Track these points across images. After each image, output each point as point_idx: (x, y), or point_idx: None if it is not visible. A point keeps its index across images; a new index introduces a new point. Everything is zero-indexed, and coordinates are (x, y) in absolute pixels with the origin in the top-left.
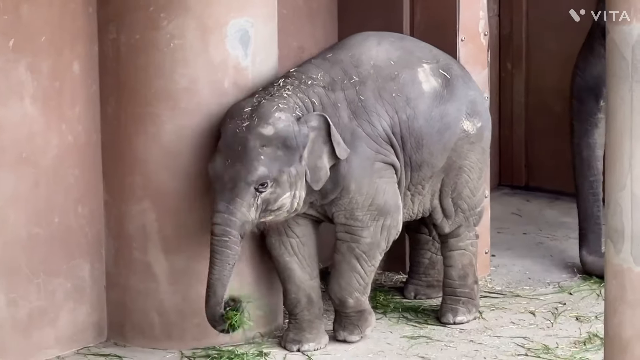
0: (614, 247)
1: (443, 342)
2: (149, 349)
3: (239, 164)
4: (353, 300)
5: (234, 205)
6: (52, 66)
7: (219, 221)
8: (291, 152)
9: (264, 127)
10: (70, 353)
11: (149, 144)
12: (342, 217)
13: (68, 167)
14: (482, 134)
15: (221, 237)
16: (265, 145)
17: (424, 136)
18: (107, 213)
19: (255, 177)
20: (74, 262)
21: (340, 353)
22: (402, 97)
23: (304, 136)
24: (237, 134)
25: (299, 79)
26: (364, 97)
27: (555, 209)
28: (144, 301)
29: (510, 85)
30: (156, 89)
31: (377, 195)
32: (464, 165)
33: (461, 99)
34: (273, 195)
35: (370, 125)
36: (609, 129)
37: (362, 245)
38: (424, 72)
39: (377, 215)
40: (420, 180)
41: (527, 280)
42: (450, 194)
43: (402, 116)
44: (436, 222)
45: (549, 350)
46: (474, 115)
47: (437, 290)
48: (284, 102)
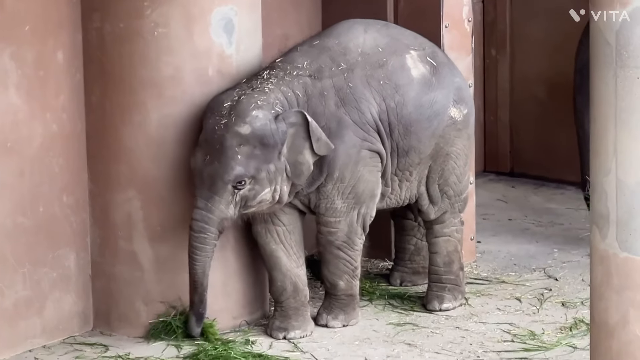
0: (599, 232)
1: (429, 329)
2: (135, 337)
3: (216, 162)
4: (344, 283)
5: (212, 203)
6: (36, 55)
7: (197, 217)
8: (269, 149)
9: (241, 126)
10: (57, 342)
11: (134, 133)
12: (322, 207)
13: (53, 156)
14: (468, 120)
15: (199, 233)
16: (242, 144)
17: (413, 123)
18: (92, 202)
19: (231, 176)
20: (60, 252)
21: (327, 340)
22: (390, 84)
23: (282, 133)
24: (215, 131)
25: (283, 69)
26: (353, 85)
27: (540, 195)
28: (130, 290)
29: (494, 71)
30: (141, 78)
31: (358, 184)
32: (451, 152)
33: (448, 86)
34: (252, 192)
35: (358, 112)
36: (594, 115)
37: (340, 236)
38: (412, 59)
39: (354, 204)
40: (407, 166)
41: (512, 266)
42: (437, 180)
43: (391, 103)
44: (422, 208)
45: (535, 336)
46: (460, 102)
47: (422, 277)
48: (264, 99)
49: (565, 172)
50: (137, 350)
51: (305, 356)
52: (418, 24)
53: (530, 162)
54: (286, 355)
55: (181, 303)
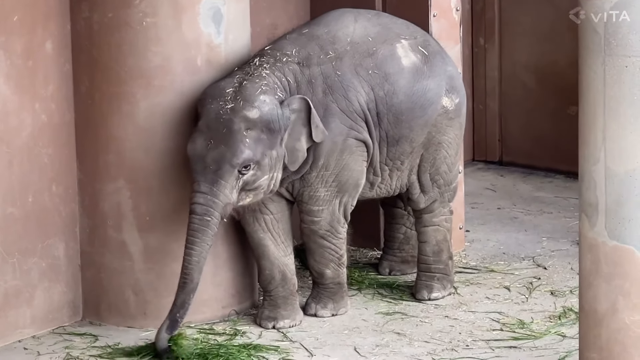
0: (588, 221)
1: (418, 318)
2: (125, 327)
3: (223, 146)
4: (331, 271)
5: (217, 187)
6: (24, 45)
7: (201, 201)
8: (274, 135)
9: (250, 110)
10: (46, 332)
11: (123, 123)
12: (305, 195)
13: (42, 146)
14: (460, 109)
15: (203, 216)
16: (250, 128)
17: (404, 112)
18: (82, 192)
19: (240, 159)
20: (49, 242)
21: (316, 330)
22: (380, 73)
23: (286, 119)
24: (220, 115)
25: (273, 56)
26: (341, 73)
27: (529, 184)
28: (119, 280)
29: (483, 60)
30: (130, 67)
31: (342, 172)
32: (443, 140)
33: (440, 75)
34: (253, 178)
35: (346, 101)
36: (582, 103)
37: (323, 225)
38: (403, 48)
39: (337, 193)
40: (398, 155)
41: (501, 255)
42: (429, 169)
43: (380, 92)
44: (412, 197)
45: (524, 324)
46: (452, 91)
47: (411, 266)
48: (265, 84)
49: (554, 161)
50: (126, 339)
51: (295, 345)
52: (406, 13)
53: (519, 151)
54: (276, 344)
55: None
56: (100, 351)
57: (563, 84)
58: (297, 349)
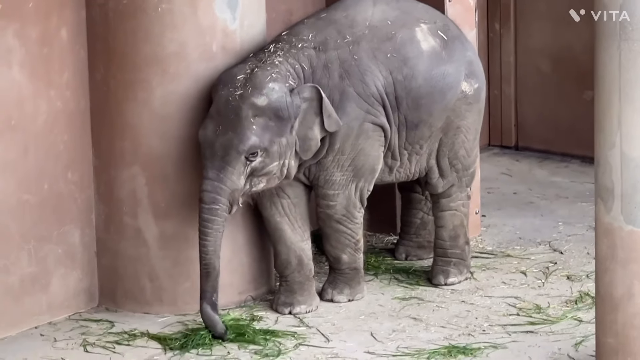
0: (604, 205)
1: (435, 303)
2: (141, 313)
3: (231, 132)
4: (347, 256)
5: (224, 173)
6: (40, 32)
7: (208, 188)
8: (283, 122)
9: (258, 97)
10: (62, 319)
11: (139, 109)
12: (321, 179)
13: (57, 133)
14: (479, 95)
15: (211, 204)
16: (257, 115)
17: (423, 96)
18: (97, 179)
19: (247, 146)
20: (65, 228)
21: (332, 315)
22: (398, 57)
23: (296, 107)
24: (229, 102)
25: (289, 42)
26: (358, 57)
27: (545, 169)
28: (135, 266)
29: (498, 45)
30: (145, 54)
31: (358, 157)
32: (461, 125)
33: (460, 60)
34: (261, 164)
35: (363, 85)
36: (598, 88)
37: (339, 209)
38: (422, 32)
39: (353, 178)
40: (417, 139)
41: (517, 240)
42: (447, 153)
43: (398, 76)
44: (431, 181)
45: (541, 309)
46: (471, 76)
47: (428, 251)
48: (277, 72)
49: (570, 145)
50: (142, 325)
51: (311, 331)
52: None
53: (534, 136)
54: (292, 330)
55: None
56: (116, 337)
57: (579, 69)
58: (314, 334)
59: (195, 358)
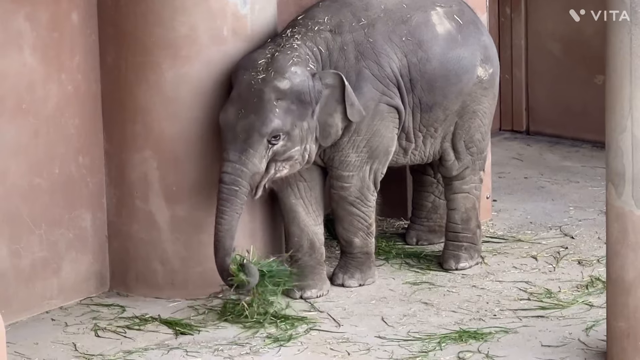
0: (615, 190)
1: (445, 288)
2: (152, 298)
3: (253, 115)
4: (359, 240)
5: (246, 156)
6: (50, 16)
7: (229, 170)
8: (304, 106)
9: (280, 81)
10: (74, 303)
11: (150, 93)
12: (336, 160)
13: (68, 117)
14: (494, 79)
15: (231, 185)
16: (280, 99)
17: (438, 79)
18: (108, 162)
19: (269, 129)
20: (76, 212)
21: (343, 300)
22: (413, 40)
23: (317, 92)
24: (252, 85)
25: (305, 26)
26: (373, 39)
27: (556, 153)
28: (147, 250)
29: (509, 29)
30: (156, 37)
31: (373, 138)
32: (477, 110)
33: (475, 44)
34: (283, 148)
35: (378, 67)
36: (609, 72)
37: (353, 192)
38: (438, 16)
39: (367, 159)
40: (432, 122)
41: (528, 224)
42: (464, 136)
43: (413, 59)
44: (446, 163)
45: (552, 294)
46: (486, 61)
47: (439, 235)
48: (297, 55)
49: (581, 130)
50: (154, 310)
51: (322, 316)
52: None
53: (545, 120)
54: (303, 315)
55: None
56: (127, 322)
57: (590, 53)
58: (325, 319)
59: (206, 342)
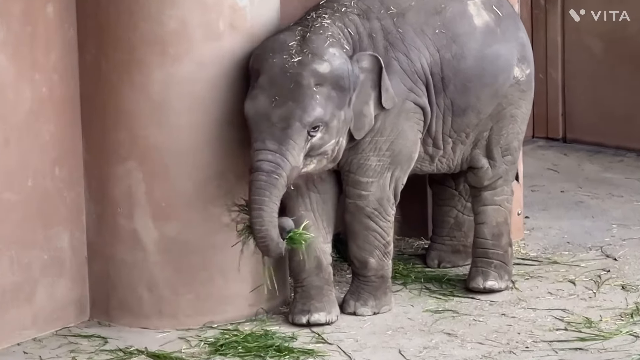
0: None
1: (471, 316)
2: (138, 328)
3: (291, 102)
4: (375, 261)
5: (286, 147)
6: (23, 9)
7: (269, 158)
8: (343, 94)
9: (319, 64)
10: (49, 334)
11: (135, 95)
12: (354, 164)
13: (43, 122)
14: (531, 81)
15: (271, 174)
16: (319, 84)
17: (472, 78)
18: (88, 175)
19: (312, 117)
20: (51, 231)
21: (355, 330)
22: (447, 33)
23: (355, 77)
24: (286, 69)
25: (331, 7)
26: (403, 30)
27: (596, 164)
28: (131, 274)
29: (543, 23)
30: (142, 33)
31: (397, 140)
32: (516, 114)
33: (513, 40)
34: (321, 141)
35: (408, 60)
36: None
37: (371, 202)
38: (475, 6)
39: (389, 165)
40: (464, 127)
41: (565, 244)
42: (500, 142)
43: (446, 55)
44: (478, 172)
45: (592, 323)
46: (523, 60)
47: (463, 256)
48: (330, 35)
49: (625, 137)
50: (139, 342)
51: (331, 348)
52: None
53: (584, 127)
54: (310, 347)
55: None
56: (110, 355)
57: (634, 51)
58: (334, 352)
59: None
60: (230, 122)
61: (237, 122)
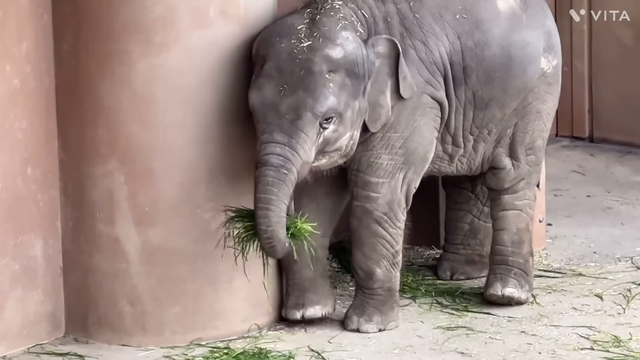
0: None
1: (487, 334)
2: (118, 345)
3: (302, 91)
4: (382, 271)
5: (296, 139)
6: None
7: (277, 151)
8: (357, 81)
9: (332, 48)
10: (19, 352)
11: (116, 89)
12: (363, 163)
13: (14, 118)
14: (558, 74)
15: (280, 168)
16: (332, 71)
17: (497, 68)
18: (64, 176)
19: (324, 107)
20: (23, 238)
21: (359, 349)
22: (469, 18)
23: (370, 63)
24: (295, 55)
25: None
26: (420, 15)
27: (626, 166)
28: (112, 286)
29: (567, 10)
30: (124, 20)
31: (412, 137)
32: (542, 110)
33: (539, 28)
34: (334, 135)
35: (426, 49)
36: None
37: (381, 205)
38: None
39: (402, 165)
40: (487, 122)
41: (592, 255)
42: (525, 140)
43: (468, 42)
44: (499, 173)
45: (620, 342)
46: (549, 50)
47: (478, 267)
48: (341, 17)
49: None
50: None
51: None
52: None
53: (613, 125)
54: None
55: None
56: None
57: None
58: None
59: None
60: (221, 118)
61: (229, 119)
